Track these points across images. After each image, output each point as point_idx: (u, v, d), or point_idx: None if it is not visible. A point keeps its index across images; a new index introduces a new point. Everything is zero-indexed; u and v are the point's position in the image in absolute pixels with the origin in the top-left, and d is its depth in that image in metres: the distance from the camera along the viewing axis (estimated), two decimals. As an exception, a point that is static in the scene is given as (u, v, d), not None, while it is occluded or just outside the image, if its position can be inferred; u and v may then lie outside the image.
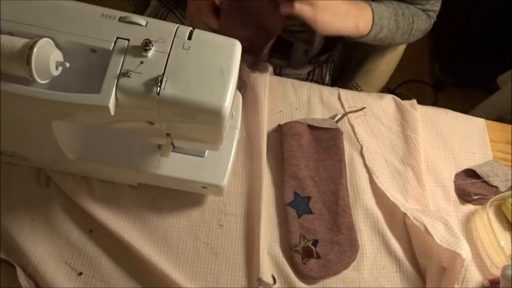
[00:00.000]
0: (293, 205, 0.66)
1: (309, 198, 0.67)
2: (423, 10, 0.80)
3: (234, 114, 0.56)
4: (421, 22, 0.79)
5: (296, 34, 0.84)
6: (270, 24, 0.67)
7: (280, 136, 0.71)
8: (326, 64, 0.94)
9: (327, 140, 0.71)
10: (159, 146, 0.61)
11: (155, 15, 0.89)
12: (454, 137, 0.78)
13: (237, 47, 0.48)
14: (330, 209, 0.66)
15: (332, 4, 0.64)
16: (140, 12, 1.00)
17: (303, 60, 0.88)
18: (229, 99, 0.46)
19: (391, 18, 0.74)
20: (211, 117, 0.46)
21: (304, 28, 0.80)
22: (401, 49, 0.94)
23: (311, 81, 0.94)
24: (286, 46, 0.86)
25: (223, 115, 0.46)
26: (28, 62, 0.43)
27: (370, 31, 0.72)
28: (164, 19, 0.88)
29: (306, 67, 0.91)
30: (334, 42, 0.90)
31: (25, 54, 0.43)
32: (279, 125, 0.72)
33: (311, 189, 0.68)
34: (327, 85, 0.94)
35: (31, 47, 0.43)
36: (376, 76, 0.95)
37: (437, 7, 0.81)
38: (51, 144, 0.56)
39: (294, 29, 0.83)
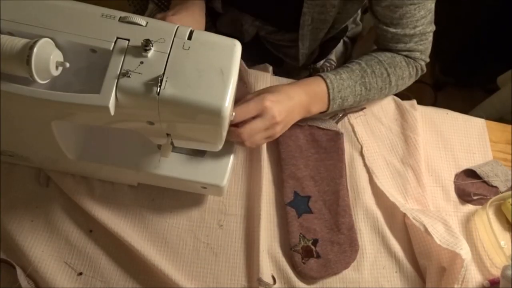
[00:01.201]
0: (293, 204, 0.66)
1: (309, 197, 0.67)
2: (408, 51, 0.72)
3: (234, 114, 0.56)
4: (400, 70, 0.72)
5: (284, 49, 0.85)
6: None
7: (277, 137, 0.71)
8: (323, 69, 0.94)
9: (327, 140, 0.71)
10: (159, 146, 0.61)
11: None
12: (454, 137, 0.78)
13: (237, 47, 0.48)
14: (330, 208, 0.66)
15: (279, 116, 0.61)
16: (140, 13, 1.00)
17: (296, 67, 0.88)
18: (229, 99, 0.46)
19: (355, 84, 0.69)
20: (211, 117, 0.46)
21: (292, 44, 0.81)
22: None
23: None
24: (276, 59, 0.86)
25: (223, 115, 0.46)
26: (28, 62, 0.43)
27: (328, 107, 0.68)
28: None
29: (302, 73, 0.91)
30: (330, 49, 0.90)
31: (25, 54, 0.43)
32: None
33: (311, 188, 0.68)
34: None
35: (31, 47, 0.43)
36: None
37: (422, 46, 0.72)
38: (51, 144, 0.56)
39: (283, 44, 0.83)
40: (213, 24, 0.87)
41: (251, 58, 0.75)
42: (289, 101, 0.63)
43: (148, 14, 0.91)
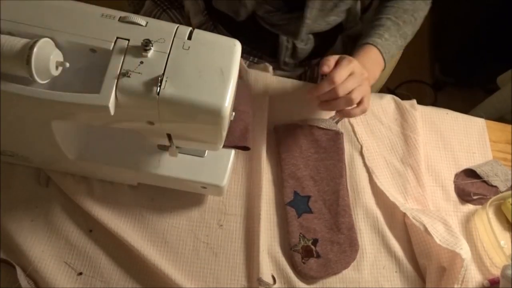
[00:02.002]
0: (293, 204, 0.66)
1: (308, 197, 0.67)
2: None
3: (234, 114, 0.56)
4: (422, 12, 0.79)
5: (280, 26, 0.84)
6: None
7: (277, 136, 0.71)
8: (318, 66, 0.94)
9: (327, 140, 0.71)
10: (159, 146, 0.61)
11: (148, 15, 0.89)
12: (454, 137, 0.78)
13: (237, 47, 0.48)
14: (330, 208, 0.66)
15: (366, 72, 0.66)
16: (139, 13, 1.00)
17: (291, 61, 0.88)
18: (229, 99, 0.46)
19: (396, 40, 0.75)
20: (211, 117, 0.46)
21: (288, 21, 0.80)
22: (395, 57, 0.93)
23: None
24: (272, 43, 0.85)
25: (223, 115, 0.46)
26: (28, 62, 0.43)
27: (384, 67, 0.74)
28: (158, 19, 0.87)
29: (297, 70, 0.91)
30: (326, 48, 0.90)
31: (25, 54, 0.43)
32: (276, 126, 0.72)
33: (310, 188, 0.68)
34: None
35: (31, 47, 0.43)
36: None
37: None
38: (51, 144, 0.56)
39: (278, 22, 0.82)
40: None
41: (243, 43, 0.75)
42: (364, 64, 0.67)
43: (144, 10, 0.91)
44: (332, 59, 0.64)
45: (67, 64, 0.46)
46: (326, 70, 0.63)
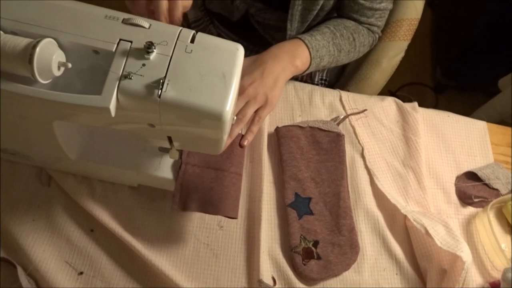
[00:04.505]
0: (294, 206, 0.66)
1: (310, 199, 0.67)
2: (369, 24, 0.81)
3: (235, 118, 0.56)
4: (362, 37, 0.80)
5: (272, 31, 0.85)
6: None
7: (278, 138, 0.71)
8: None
9: (328, 142, 0.71)
10: (160, 148, 0.61)
11: None
12: (455, 140, 0.78)
13: (240, 51, 0.48)
14: (331, 210, 0.66)
15: (270, 82, 0.67)
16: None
17: None
18: (230, 104, 0.46)
19: (329, 45, 0.75)
20: (212, 121, 0.46)
21: (280, 24, 0.81)
22: (396, 60, 0.93)
23: (300, 80, 0.93)
24: (263, 41, 0.86)
25: (224, 119, 0.46)
26: (31, 61, 0.43)
27: (310, 66, 0.73)
28: None
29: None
30: None
31: (28, 54, 0.43)
32: (277, 128, 0.72)
33: (312, 190, 0.68)
34: (317, 85, 0.93)
35: (34, 47, 0.43)
36: (369, 85, 0.95)
37: (381, 22, 0.82)
38: (52, 144, 0.56)
39: (271, 23, 0.83)
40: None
41: (237, 39, 0.75)
42: (265, 64, 0.68)
43: None
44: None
45: (69, 65, 0.46)
46: (245, 144, 0.66)
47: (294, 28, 0.80)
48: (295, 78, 0.86)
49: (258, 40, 0.81)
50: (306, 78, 0.96)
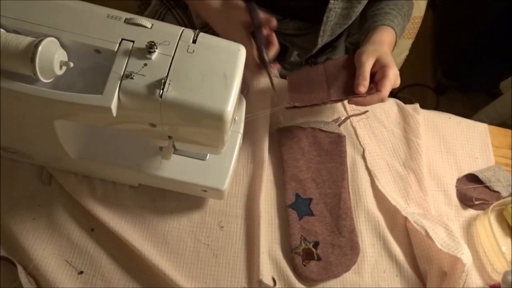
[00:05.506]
0: (294, 206, 0.66)
1: (310, 200, 0.67)
2: None
3: (236, 118, 0.56)
4: (409, 10, 0.81)
5: (291, 38, 0.84)
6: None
7: (279, 139, 0.71)
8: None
9: (329, 143, 0.71)
10: (161, 148, 0.61)
11: (154, 13, 0.90)
12: (456, 142, 0.78)
13: (241, 51, 0.48)
14: (331, 211, 0.66)
15: (394, 66, 0.67)
16: (146, 10, 1.00)
17: (298, 60, 0.88)
18: (232, 104, 0.46)
19: (401, 25, 0.77)
20: (213, 121, 0.46)
21: (299, 32, 0.80)
22: (401, 58, 0.93)
23: None
24: (281, 50, 0.86)
25: (225, 119, 0.46)
26: (33, 60, 0.43)
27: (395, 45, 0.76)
28: (163, 18, 0.88)
29: (303, 67, 0.91)
30: (332, 43, 0.90)
31: (30, 52, 0.43)
32: (278, 128, 0.72)
33: (312, 191, 0.68)
34: None
35: (36, 46, 0.43)
36: None
37: None
38: (53, 143, 0.56)
39: (289, 32, 0.83)
40: None
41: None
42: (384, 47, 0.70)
43: (150, 9, 0.92)
44: (366, 81, 0.65)
45: (71, 64, 0.46)
46: (362, 91, 0.64)
47: (323, 43, 0.80)
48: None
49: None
50: None
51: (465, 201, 0.72)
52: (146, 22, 0.47)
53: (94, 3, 0.48)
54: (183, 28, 0.48)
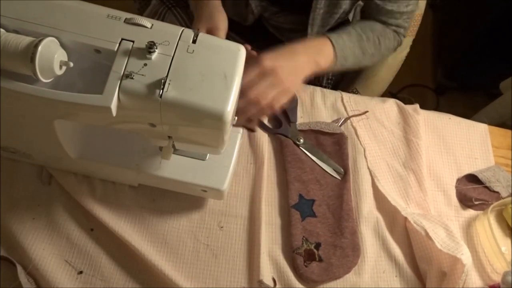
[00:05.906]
0: (297, 207, 0.66)
1: (313, 201, 0.67)
2: (396, 26, 0.79)
3: (236, 118, 0.56)
4: (388, 41, 0.79)
5: (288, 33, 0.84)
6: None
7: (281, 140, 0.71)
8: None
9: (332, 145, 0.71)
10: (161, 148, 0.61)
11: (154, 13, 0.90)
12: (456, 142, 0.78)
13: (242, 51, 0.48)
14: (334, 212, 0.66)
15: (280, 68, 0.64)
16: (145, 10, 1.00)
17: None
18: (232, 104, 0.46)
19: (354, 46, 0.74)
20: (213, 121, 0.46)
21: (296, 27, 0.80)
22: (402, 56, 0.93)
23: (308, 83, 0.94)
24: (279, 44, 0.86)
25: (224, 119, 0.46)
26: (32, 60, 0.43)
27: (336, 63, 0.72)
28: (163, 18, 0.88)
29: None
30: None
31: (30, 52, 0.43)
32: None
33: (315, 192, 0.68)
34: (325, 87, 0.94)
35: (36, 46, 0.43)
36: (376, 82, 0.94)
37: (407, 23, 0.81)
38: (53, 143, 0.56)
39: (286, 26, 0.83)
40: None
41: (253, 42, 0.75)
42: (292, 54, 0.66)
43: (150, 9, 0.92)
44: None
45: (71, 64, 0.46)
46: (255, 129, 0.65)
47: (315, 33, 0.79)
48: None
49: (272, 44, 0.82)
50: (314, 81, 0.96)
51: (465, 201, 0.72)
52: (146, 22, 0.47)
53: (94, 3, 0.48)
54: (183, 28, 0.48)
